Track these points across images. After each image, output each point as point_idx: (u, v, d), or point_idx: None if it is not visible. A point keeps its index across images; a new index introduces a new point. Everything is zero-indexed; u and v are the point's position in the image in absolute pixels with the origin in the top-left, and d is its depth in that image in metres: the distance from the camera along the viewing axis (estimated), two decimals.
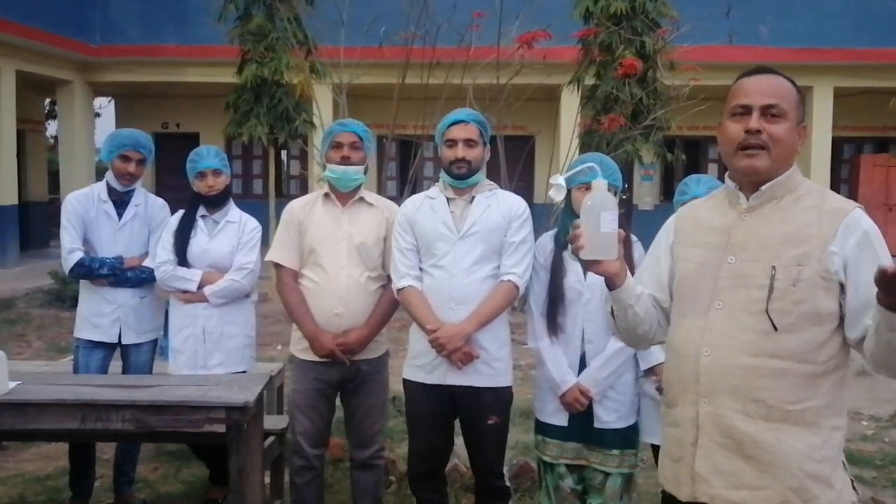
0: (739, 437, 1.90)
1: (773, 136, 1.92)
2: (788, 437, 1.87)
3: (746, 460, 1.90)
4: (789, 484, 1.87)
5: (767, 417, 1.88)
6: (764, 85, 1.96)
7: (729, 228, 2.00)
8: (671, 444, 2.08)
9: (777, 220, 1.94)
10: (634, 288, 2.13)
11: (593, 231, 1.98)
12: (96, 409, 2.90)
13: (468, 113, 3.19)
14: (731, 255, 1.97)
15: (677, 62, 8.98)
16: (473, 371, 3.08)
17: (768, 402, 1.88)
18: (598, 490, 3.12)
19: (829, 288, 1.86)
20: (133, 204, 3.84)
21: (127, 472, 3.98)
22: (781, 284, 1.87)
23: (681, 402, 2.02)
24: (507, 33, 6.65)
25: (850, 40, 13.35)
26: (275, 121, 9.93)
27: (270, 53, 9.72)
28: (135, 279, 3.79)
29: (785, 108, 1.93)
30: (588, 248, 1.99)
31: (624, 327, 2.19)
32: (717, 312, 1.96)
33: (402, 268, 3.15)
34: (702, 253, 2.04)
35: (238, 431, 2.94)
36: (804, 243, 1.88)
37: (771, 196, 1.96)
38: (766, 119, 1.92)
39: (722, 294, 1.96)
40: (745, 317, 1.91)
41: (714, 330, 1.95)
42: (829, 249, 1.86)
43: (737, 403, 1.90)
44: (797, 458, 1.87)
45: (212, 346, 3.65)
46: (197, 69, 13.73)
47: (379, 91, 8.09)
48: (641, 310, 2.13)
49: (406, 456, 4.50)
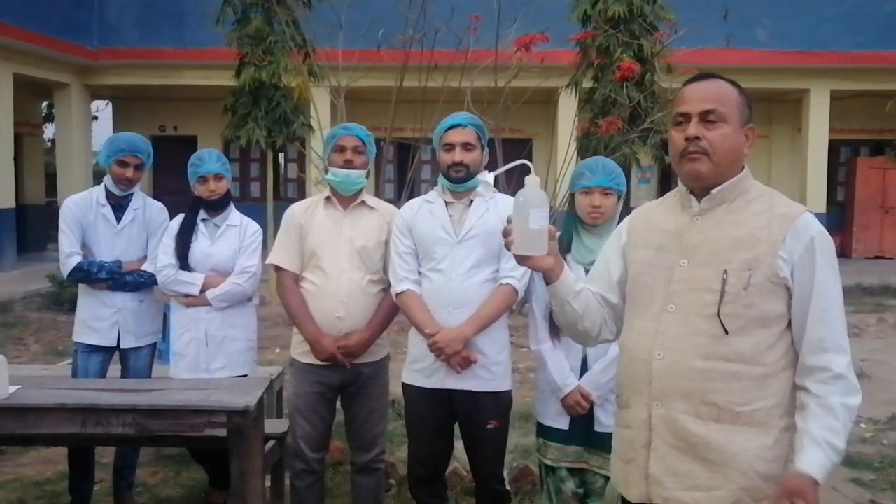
0: (692, 439, 1.93)
1: (712, 141, 1.93)
2: (739, 437, 1.90)
3: (699, 461, 1.92)
4: (741, 483, 1.89)
5: (718, 419, 1.91)
6: (701, 91, 1.97)
7: (681, 231, 2.02)
8: (623, 446, 2.10)
9: (728, 224, 1.96)
10: (573, 285, 2.13)
11: (523, 227, 2.00)
12: (97, 414, 2.90)
13: (465, 117, 3.19)
14: (684, 258, 1.99)
15: (675, 65, 9.00)
16: (472, 375, 3.08)
17: (720, 404, 1.90)
18: (600, 494, 3.12)
19: (776, 292, 1.90)
20: (132, 208, 3.84)
21: (126, 477, 3.98)
22: (733, 289, 1.89)
23: (633, 403, 2.04)
24: (505, 36, 6.66)
25: (846, 43, 13.39)
26: (273, 124, 9.94)
27: (268, 56, 9.73)
28: (133, 283, 3.79)
29: (724, 111, 1.94)
30: (517, 243, 2.01)
31: (563, 322, 2.21)
32: (670, 316, 1.98)
33: (401, 272, 3.15)
34: (654, 255, 2.06)
35: (239, 435, 2.94)
36: (754, 247, 1.91)
37: (722, 199, 1.98)
38: (705, 125, 1.94)
39: (674, 297, 1.98)
40: (697, 320, 1.93)
41: (667, 333, 1.97)
42: (777, 254, 1.89)
43: (689, 406, 1.93)
44: (748, 459, 1.89)
45: (214, 349, 3.65)
46: (194, 72, 13.73)
47: (377, 94, 8.09)
48: (580, 306, 2.14)
49: (406, 459, 4.51)
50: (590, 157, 3.32)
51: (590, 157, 3.32)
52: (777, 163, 15.91)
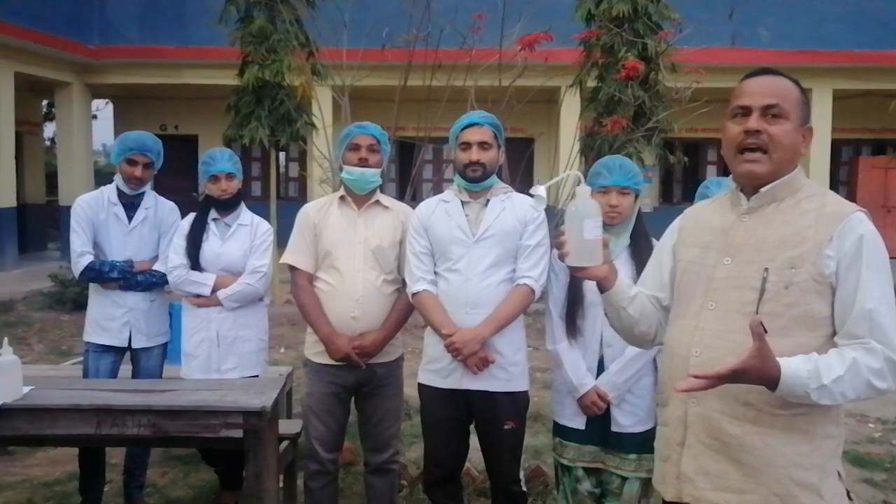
0: (727, 439, 1.89)
1: (773, 137, 1.89)
2: (776, 441, 1.85)
3: (732, 463, 1.89)
4: (775, 489, 1.85)
5: (756, 421, 1.86)
6: (765, 85, 1.93)
7: (728, 229, 1.99)
8: (660, 444, 2.09)
9: (776, 223, 1.92)
10: (627, 291, 2.13)
11: (577, 238, 1.99)
12: (112, 415, 2.88)
13: (482, 115, 3.17)
14: (728, 256, 1.96)
15: (679, 64, 8.98)
16: (489, 376, 3.06)
17: (757, 405, 1.86)
18: (616, 494, 3.10)
19: (822, 292, 1.84)
20: (143, 207, 3.82)
21: (137, 478, 3.96)
22: (773, 287, 1.85)
23: (671, 401, 2.03)
24: (510, 35, 6.64)
25: (848, 43, 13.38)
26: (276, 123, 9.90)
27: (272, 55, 9.68)
28: (145, 283, 3.78)
29: (786, 108, 1.90)
30: (573, 255, 2.01)
31: (619, 328, 2.21)
32: (710, 313, 1.95)
33: (417, 272, 3.13)
34: (700, 253, 2.04)
35: (255, 436, 2.92)
36: (799, 246, 1.86)
37: (772, 198, 1.95)
38: (767, 120, 1.90)
39: (715, 295, 1.95)
40: (737, 318, 1.89)
41: (705, 330, 1.95)
42: (824, 253, 1.84)
43: (725, 405, 1.89)
44: (784, 464, 1.85)
45: (226, 350, 3.64)
46: (196, 71, 13.69)
47: (380, 93, 8.07)
48: (636, 311, 2.13)
49: (417, 460, 4.51)
50: (606, 156, 3.29)
51: (606, 156, 3.29)
52: None
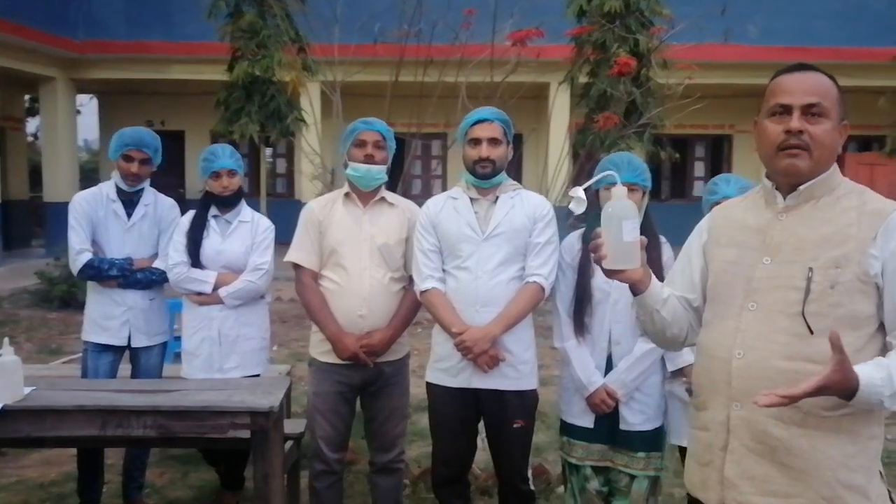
0: (773, 442, 1.85)
1: (815, 136, 1.86)
2: (823, 444, 1.82)
3: (778, 466, 1.85)
4: (822, 493, 1.82)
5: (802, 423, 1.83)
6: (805, 83, 1.89)
7: (765, 228, 1.95)
8: (700, 448, 2.03)
9: (815, 221, 1.89)
10: (660, 292, 2.09)
11: (615, 240, 1.94)
12: (117, 416, 2.83)
13: (492, 111, 3.13)
14: (767, 255, 1.92)
15: (670, 61, 8.98)
16: (499, 374, 3.03)
17: (803, 407, 1.81)
18: (624, 493, 3.09)
19: (866, 291, 1.81)
20: (143, 204, 3.76)
21: (136, 478, 3.91)
22: (818, 287, 1.82)
23: (711, 405, 1.97)
24: (501, 31, 6.61)
25: (836, 39, 13.47)
26: (266, 119, 9.84)
27: (262, 51, 9.63)
28: (145, 281, 3.72)
29: (827, 106, 1.87)
30: (611, 257, 1.95)
31: (652, 331, 2.16)
32: (751, 314, 1.91)
33: (426, 269, 3.10)
34: (736, 253, 1.99)
35: (263, 437, 2.88)
36: (843, 245, 1.83)
37: (809, 196, 1.91)
38: (808, 119, 1.86)
39: (756, 295, 1.91)
40: (780, 319, 1.85)
41: (748, 332, 1.90)
42: (868, 252, 1.81)
43: (771, 408, 1.83)
44: (832, 467, 1.82)
45: (228, 348, 3.59)
46: (183, 66, 13.58)
47: (371, 89, 8.01)
48: (668, 313, 2.10)
49: (418, 458, 4.48)
50: (614, 153, 3.27)
51: (614, 153, 3.27)
52: None
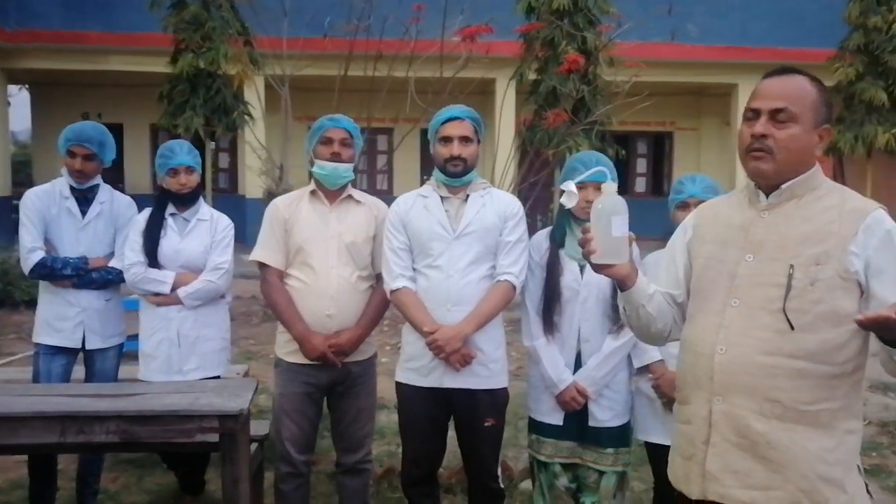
0: (754, 436, 1.89)
1: (779, 141, 1.90)
2: (802, 437, 1.86)
3: (759, 460, 1.90)
4: (801, 485, 1.86)
5: (782, 417, 1.87)
6: (775, 88, 1.94)
7: (748, 226, 1.99)
8: (683, 442, 2.07)
9: (797, 219, 1.93)
10: (647, 288, 2.13)
11: (604, 235, 1.98)
12: (78, 422, 2.73)
13: (463, 109, 3.12)
14: (749, 252, 1.96)
15: (617, 58, 9.11)
16: (470, 373, 3.02)
17: (784, 402, 1.86)
18: (593, 489, 3.11)
19: (848, 288, 1.85)
20: (98, 201, 3.64)
21: (91, 485, 3.77)
22: (799, 283, 1.85)
23: (694, 399, 2.01)
24: (451, 27, 6.60)
25: (773, 40, 13.84)
26: (212, 113, 9.64)
27: (207, 43, 9.42)
28: (100, 280, 3.59)
29: (795, 111, 1.90)
30: (600, 252, 1.99)
31: (637, 326, 2.20)
32: (734, 310, 1.95)
33: (396, 268, 3.07)
34: (719, 250, 2.03)
35: (232, 440, 2.81)
36: (823, 242, 1.87)
37: (791, 195, 1.95)
38: (774, 123, 1.91)
39: (739, 291, 1.95)
40: (762, 315, 1.89)
41: (730, 327, 1.94)
42: (849, 249, 1.84)
43: (752, 402, 1.89)
44: (809, 460, 1.86)
45: (187, 350, 3.49)
46: (121, 57, 13.21)
47: (320, 83, 7.94)
48: (654, 309, 2.13)
49: (379, 457, 4.45)
50: (582, 152, 3.29)
51: (582, 152, 3.29)
52: (706, 154, 16.37)
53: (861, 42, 12.86)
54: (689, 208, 3.04)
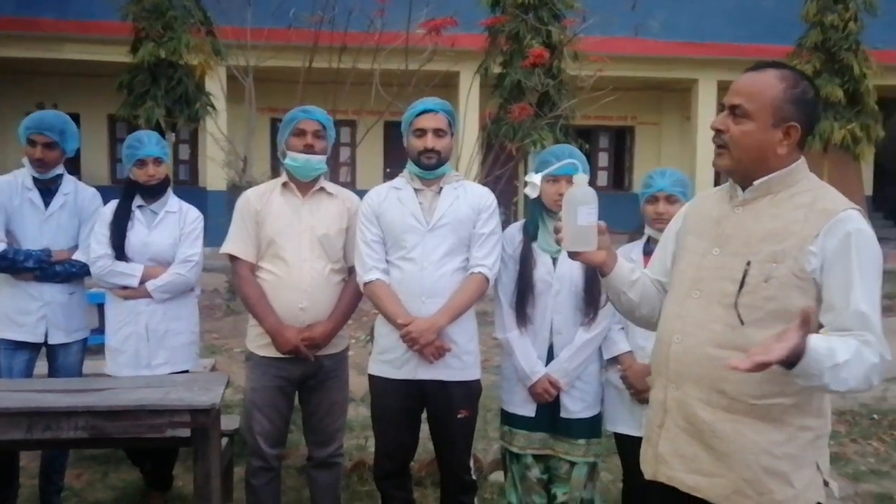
0: (700, 424, 1.95)
1: (732, 136, 1.94)
2: (749, 429, 1.90)
3: (705, 447, 1.95)
4: (744, 475, 1.90)
5: (729, 409, 1.91)
6: (740, 84, 1.97)
7: (721, 220, 2.03)
8: (646, 425, 2.16)
9: (765, 216, 1.95)
10: (628, 275, 2.18)
11: (572, 224, 2.07)
12: (45, 418, 2.67)
13: (436, 102, 3.11)
14: (717, 246, 2.00)
15: (581, 53, 9.16)
16: (444, 365, 3.03)
17: (730, 393, 1.91)
18: (564, 479, 3.14)
19: (803, 287, 1.86)
20: (62, 193, 3.56)
21: (56, 482, 3.70)
22: (753, 280, 1.89)
23: (656, 385, 2.10)
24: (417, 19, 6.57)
25: (732, 36, 14.04)
26: (173, 103, 9.48)
27: (168, 32, 9.25)
28: (64, 273, 3.52)
29: (750, 108, 1.91)
30: (568, 239, 2.08)
31: (621, 311, 2.28)
32: (694, 301, 2.00)
33: (369, 261, 3.05)
34: (695, 241, 2.08)
35: (203, 435, 2.78)
36: (784, 241, 1.89)
37: (766, 191, 1.97)
38: (732, 118, 1.95)
39: (701, 284, 2.00)
40: (717, 308, 1.94)
41: (687, 318, 2.00)
42: (807, 249, 1.86)
43: (700, 392, 1.95)
44: (754, 452, 1.90)
45: (156, 344, 3.44)
46: (79, 46, 12.91)
47: (283, 74, 7.86)
48: (636, 295, 2.18)
49: (349, 451, 4.42)
50: (555, 145, 3.31)
51: (555, 145, 3.31)
52: (667, 149, 16.55)
53: (818, 40, 13.11)
54: (657, 202, 3.09)
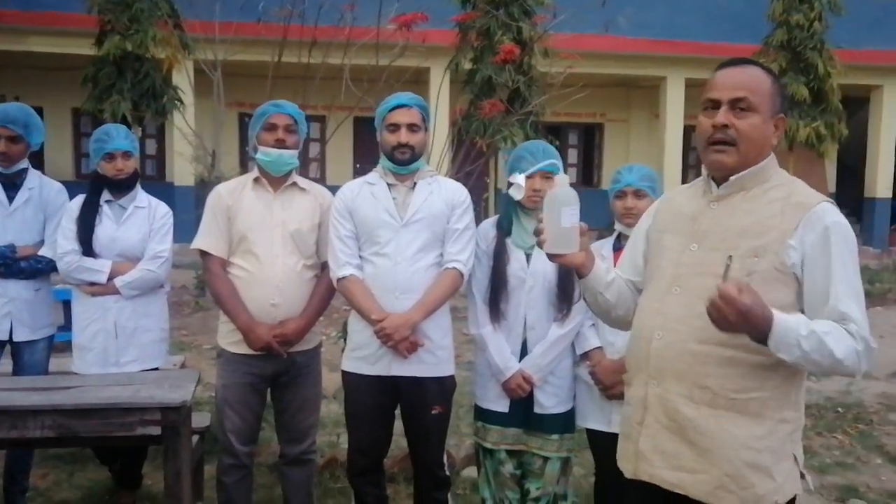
0: (682, 420, 1.95)
1: (741, 131, 1.92)
2: (730, 424, 1.91)
3: (687, 444, 1.95)
4: (726, 470, 1.92)
5: (712, 404, 1.92)
6: (734, 78, 1.95)
7: (696, 216, 2.03)
8: (624, 422, 2.15)
9: (740, 212, 1.96)
10: (604, 276, 2.16)
11: (555, 225, 2.03)
12: (10, 416, 2.62)
13: (410, 97, 3.09)
14: (694, 242, 2.00)
15: (552, 49, 9.18)
16: (418, 361, 3.02)
17: (713, 388, 1.91)
18: (537, 475, 3.15)
19: (784, 281, 1.89)
20: (27, 187, 3.50)
21: (21, 482, 3.63)
22: (735, 275, 1.87)
23: (634, 382, 2.08)
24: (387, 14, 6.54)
25: (701, 35, 14.15)
26: (140, 97, 9.33)
27: (135, 25, 9.09)
28: (29, 270, 3.46)
29: (754, 101, 1.92)
30: (550, 241, 2.04)
31: (597, 312, 2.26)
32: (674, 297, 2.00)
33: (343, 256, 3.03)
34: (670, 238, 2.08)
35: (174, 433, 2.74)
36: (763, 235, 1.90)
37: (740, 187, 1.98)
38: (735, 113, 1.92)
39: (681, 280, 2.00)
40: (698, 304, 1.90)
41: (668, 314, 1.99)
42: (787, 243, 1.88)
43: (683, 388, 1.95)
44: (735, 446, 1.91)
45: (125, 341, 3.39)
46: (43, 38, 12.64)
47: (253, 69, 7.78)
48: (612, 296, 2.18)
49: (321, 447, 4.40)
50: (529, 141, 3.31)
51: (529, 141, 3.31)
52: (635, 146, 16.65)
53: (784, 38, 13.25)
54: (626, 197, 3.09)
